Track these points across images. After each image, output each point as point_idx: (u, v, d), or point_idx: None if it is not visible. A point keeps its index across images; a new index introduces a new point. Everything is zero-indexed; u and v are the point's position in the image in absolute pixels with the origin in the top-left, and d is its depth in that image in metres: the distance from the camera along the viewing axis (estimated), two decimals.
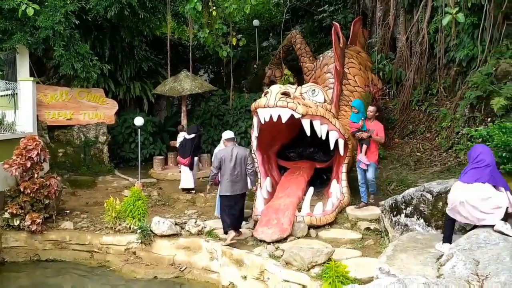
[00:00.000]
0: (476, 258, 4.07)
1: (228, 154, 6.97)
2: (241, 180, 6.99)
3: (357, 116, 7.89)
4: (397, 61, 12.12)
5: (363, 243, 6.63)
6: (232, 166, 6.90)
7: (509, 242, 4.28)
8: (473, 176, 4.83)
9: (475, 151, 5.08)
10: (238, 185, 6.97)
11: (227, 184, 6.92)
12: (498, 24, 9.49)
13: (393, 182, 8.89)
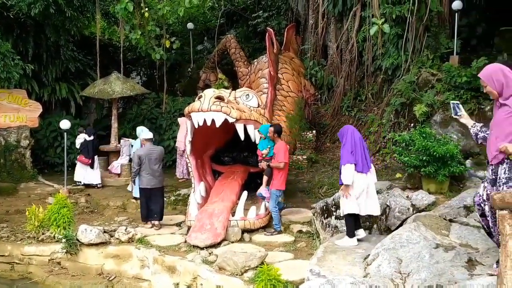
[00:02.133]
0: (399, 256, 4.27)
1: (145, 153, 7.75)
2: (159, 176, 7.80)
3: (264, 143, 7.48)
4: (329, 68, 12.53)
5: (296, 246, 6.73)
6: (150, 163, 7.65)
7: (429, 241, 4.54)
8: None
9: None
10: (157, 180, 7.75)
11: (147, 178, 7.67)
12: (419, 36, 10.11)
13: (325, 185, 9.13)
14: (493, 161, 3.74)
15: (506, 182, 3.60)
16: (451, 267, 4.02)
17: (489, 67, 3.79)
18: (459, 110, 4.13)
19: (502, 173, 3.64)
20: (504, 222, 3.04)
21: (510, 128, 3.60)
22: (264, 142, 7.47)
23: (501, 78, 3.63)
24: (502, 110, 3.69)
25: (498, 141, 3.67)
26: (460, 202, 5.64)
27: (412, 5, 9.68)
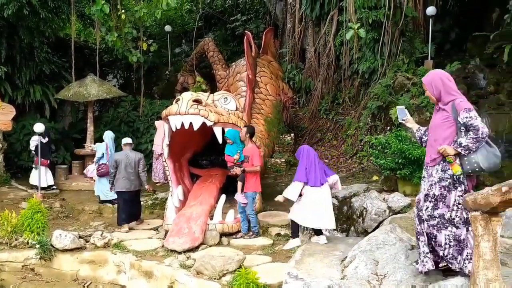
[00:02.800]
0: (376, 258, 4.31)
1: (123, 157, 7.92)
2: (135, 179, 7.90)
3: (232, 148, 7.33)
4: (306, 71, 12.63)
5: (274, 249, 6.72)
6: (127, 167, 7.82)
7: (405, 243, 4.60)
8: None
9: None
10: (133, 183, 7.88)
11: (123, 182, 7.80)
12: (395, 40, 10.29)
13: None
14: (431, 163, 3.90)
15: (438, 181, 3.80)
16: None
17: (431, 74, 4.00)
18: (404, 115, 4.25)
19: (435, 173, 3.84)
20: (476, 223, 3.10)
21: (448, 131, 3.81)
22: (231, 147, 7.32)
23: (439, 85, 3.84)
24: (440, 115, 3.89)
25: (436, 144, 3.85)
26: None
27: (388, 10, 9.85)
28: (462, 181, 3.77)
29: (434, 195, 3.83)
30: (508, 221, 4.91)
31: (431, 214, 3.83)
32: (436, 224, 3.81)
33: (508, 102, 10.01)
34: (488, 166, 3.69)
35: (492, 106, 9.86)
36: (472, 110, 3.74)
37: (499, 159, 3.74)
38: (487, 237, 3.09)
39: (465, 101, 3.81)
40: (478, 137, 3.65)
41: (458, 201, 3.74)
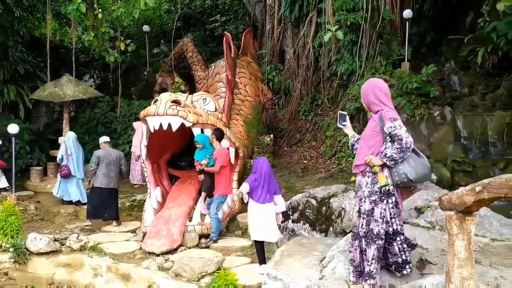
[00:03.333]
0: None
1: (105, 154, 8.12)
2: (115, 177, 8.09)
3: (201, 153, 7.27)
4: (286, 73, 12.67)
5: (253, 250, 6.69)
6: (109, 164, 8.01)
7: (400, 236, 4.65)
8: None
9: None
10: (112, 181, 8.05)
11: (103, 178, 7.95)
12: (373, 42, 10.42)
13: (282, 189, 9.19)
14: (355, 170, 3.93)
15: (368, 196, 3.75)
16: None
17: (366, 84, 3.97)
18: (344, 120, 4.24)
19: (364, 186, 3.81)
20: (451, 222, 3.16)
21: (374, 141, 3.80)
22: (201, 152, 7.24)
23: (370, 95, 3.84)
24: (370, 124, 3.90)
25: (361, 152, 3.86)
26: (411, 204, 5.81)
27: (365, 12, 9.97)
28: (393, 193, 3.73)
29: (365, 211, 3.79)
30: (481, 220, 5.01)
31: (366, 231, 3.79)
32: (367, 239, 3.79)
33: (482, 104, 10.26)
34: (417, 177, 3.67)
35: (466, 108, 10.08)
36: (397, 120, 3.69)
37: (428, 169, 3.72)
38: (462, 236, 3.14)
39: (391, 111, 3.76)
40: (402, 147, 3.60)
41: (383, 214, 3.73)
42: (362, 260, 3.83)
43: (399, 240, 3.84)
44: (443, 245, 4.48)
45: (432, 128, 9.30)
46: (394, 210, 3.75)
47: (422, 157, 3.76)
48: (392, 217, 3.76)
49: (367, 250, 3.78)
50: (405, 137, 3.61)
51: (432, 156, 9.04)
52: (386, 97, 3.84)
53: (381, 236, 3.75)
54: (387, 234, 3.80)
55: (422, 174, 3.68)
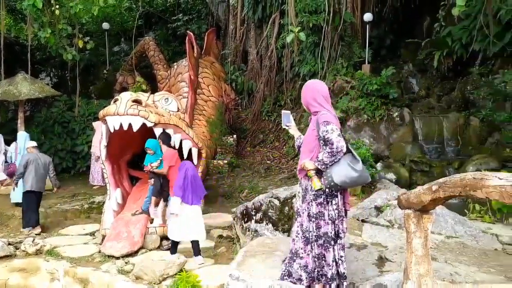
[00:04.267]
0: None
1: (34, 158, 7.98)
2: (43, 182, 8.00)
3: (151, 158, 7.07)
4: (249, 73, 12.68)
5: (216, 251, 6.68)
6: (39, 168, 7.91)
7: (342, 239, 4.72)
8: None
9: None
10: (42, 185, 7.98)
11: (33, 182, 7.80)
12: (334, 44, 10.59)
13: (245, 189, 9.20)
14: (299, 174, 3.88)
15: (315, 199, 3.71)
16: (363, 265, 4.21)
17: (305, 86, 3.90)
18: (288, 120, 4.10)
19: (310, 189, 3.75)
20: (409, 220, 3.23)
21: (313, 144, 3.76)
22: (151, 157, 7.07)
23: (308, 96, 3.78)
24: (310, 126, 3.84)
25: (303, 155, 3.82)
26: (371, 203, 5.94)
27: (327, 15, 10.11)
28: (335, 194, 3.70)
29: (314, 214, 3.74)
30: (437, 218, 5.17)
31: (317, 235, 3.74)
32: (323, 244, 3.73)
33: (438, 105, 10.63)
34: (342, 180, 3.58)
35: (424, 109, 10.42)
36: (329, 124, 3.60)
37: (357, 173, 3.59)
38: (419, 234, 3.22)
39: (327, 115, 3.66)
40: (333, 151, 3.55)
41: (331, 215, 3.69)
42: (319, 265, 3.76)
43: (339, 244, 3.76)
44: (401, 242, 4.59)
45: (391, 129, 9.54)
46: (337, 212, 3.72)
47: (355, 161, 3.67)
48: (336, 218, 3.73)
49: (326, 254, 3.72)
50: (336, 141, 3.56)
51: (392, 156, 9.29)
52: (324, 99, 3.77)
53: (334, 238, 3.71)
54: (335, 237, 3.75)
55: (348, 179, 3.59)
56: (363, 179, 3.68)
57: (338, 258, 3.73)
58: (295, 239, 3.93)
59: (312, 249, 3.78)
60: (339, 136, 3.59)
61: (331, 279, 3.72)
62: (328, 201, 3.71)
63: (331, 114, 3.72)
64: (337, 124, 3.70)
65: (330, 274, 3.72)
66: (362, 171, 3.64)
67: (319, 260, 3.76)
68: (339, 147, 3.57)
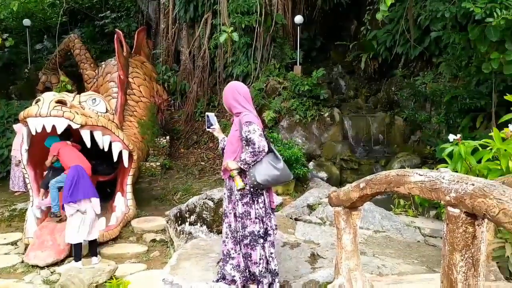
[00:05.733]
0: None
1: None
2: None
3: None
4: (181, 73, 12.49)
5: (149, 256, 6.50)
6: None
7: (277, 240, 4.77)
8: None
9: None
10: None
11: None
12: (267, 46, 10.71)
13: (179, 191, 9.04)
14: (223, 175, 3.95)
15: (241, 199, 3.75)
16: (296, 263, 4.27)
17: (226, 87, 3.97)
18: (212, 123, 4.08)
19: (234, 189, 3.79)
20: (339, 217, 3.32)
21: (236, 145, 3.81)
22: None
23: (229, 98, 3.84)
24: (233, 127, 3.90)
25: (227, 156, 3.87)
26: (304, 201, 6.06)
27: (259, 16, 10.20)
28: (261, 192, 3.74)
29: (240, 214, 3.76)
30: (366, 214, 5.38)
31: (244, 234, 3.76)
32: (249, 243, 3.75)
33: (365, 106, 11.09)
34: (264, 179, 3.61)
35: (353, 109, 10.83)
36: (251, 124, 3.64)
37: (278, 171, 3.64)
38: (349, 230, 3.32)
39: (249, 115, 3.72)
40: (255, 151, 3.60)
41: (258, 214, 3.72)
42: (247, 264, 3.79)
43: (269, 241, 3.79)
44: (333, 239, 4.71)
45: (322, 129, 9.82)
46: (263, 210, 3.79)
47: (278, 160, 3.71)
48: (264, 216, 3.79)
49: (252, 253, 3.74)
50: (258, 141, 3.60)
51: (323, 155, 9.56)
52: (245, 100, 3.82)
53: (261, 235, 3.75)
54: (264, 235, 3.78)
55: (270, 177, 3.61)
56: (285, 177, 3.74)
57: (268, 255, 3.76)
58: (225, 241, 3.93)
59: (241, 249, 3.81)
60: (261, 136, 3.64)
61: (260, 276, 3.75)
62: (254, 200, 3.74)
63: (253, 114, 3.75)
64: (259, 124, 3.74)
65: (258, 272, 3.75)
66: (284, 170, 3.70)
67: (246, 259, 3.79)
68: (261, 146, 3.61)
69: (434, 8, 6.85)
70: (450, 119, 8.64)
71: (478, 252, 1.94)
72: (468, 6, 5.61)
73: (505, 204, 1.68)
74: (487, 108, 7.60)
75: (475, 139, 4.78)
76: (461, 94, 8.27)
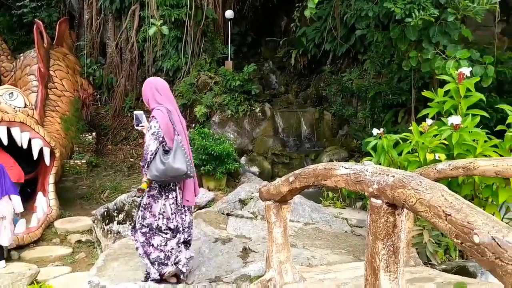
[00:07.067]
0: None
1: None
2: None
3: None
4: (108, 67, 12.01)
5: (74, 258, 6.20)
6: None
7: (209, 236, 4.74)
8: None
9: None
10: None
11: None
12: (197, 40, 10.58)
13: (107, 189, 8.71)
14: (143, 171, 3.90)
15: (148, 191, 3.72)
16: (228, 258, 4.26)
17: (145, 83, 3.92)
18: (140, 121, 3.89)
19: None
20: (270, 211, 3.34)
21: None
22: None
23: (147, 93, 3.80)
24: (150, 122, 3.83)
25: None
26: (235, 196, 6.07)
27: (189, 9, 10.04)
28: (173, 188, 3.72)
29: (143, 204, 3.76)
30: (296, 207, 5.49)
31: (142, 223, 3.77)
32: (147, 232, 3.76)
33: (296, 101, 11.32)
34: (153, 175, 3.54)
35: (283, 105, 11.01)
36: (152, 120, 3.63)
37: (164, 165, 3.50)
38: (279, 223, 3.36)
39: (155, 111, 3.67)
40: (145, 149, 3.59)
41: (163, 210, 3.69)
42: (147, 251, 3.78)
43: (177, 238, 3.76)
44: (264, 233, 4.75)
45: (254, 124, 9.89)
46: (175, 206, 3.76)
47: (168, 155, 3.58)
48: (173, 213, 3.74)
49: (150, 241, 3.74)
50: (148, 139, 3.59)
51: (255, 150, 9.64)
52: (161, 96, 3.77)
53: (163, 231, 3.72)
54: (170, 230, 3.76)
55: (159, 171, 3.51)
56: (172, 171, 3.53)
57: (169, 249, 3.75)
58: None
59: (139, 238, 3.80)
60: (153, 135, 3.58)
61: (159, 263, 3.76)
62: (163, 194, 3.71)
63: (162, 110, 3.66)
64: (164, 120, 3.62)
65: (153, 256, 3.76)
66: (171, 163, 3.51)
67: (144, 247, 3.80)
68: (148, 145, 3.57)
69: (359, 7, 7.11)
70: (374, 114, 9.05)
71: (398, 240, 2.03)
72: (389, 6, 5.88)
73: (421, 194, 1.77)
74: (408, 104, 8.04)
75: (397, 133, 5.05)
76: (384, 90, 8.68)
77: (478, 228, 1.45)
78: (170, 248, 3.74)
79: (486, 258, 1.39)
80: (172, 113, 3.73)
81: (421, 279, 3.33)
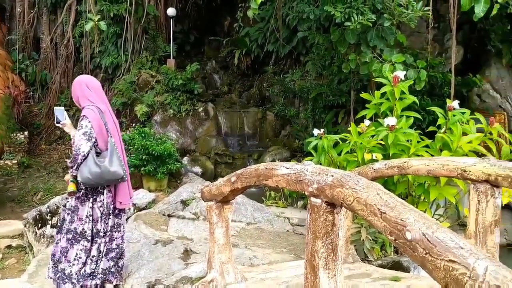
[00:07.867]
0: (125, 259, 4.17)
1: None
2: None
3: None
4: (42, 63, 11.43)
5: (4, 264, 5.82)
6: None
7: (149, 238, 4.62)
8: None
9: None
10: None
11: None
12: (138, 37, 10.32)
13: (40, 191, 8.27)
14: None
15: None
16: (168, 260, 4.17)
17: (74, 81, 3.81)
18: (63, 118, 3.72)
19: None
20: (211, 212, 3.31)
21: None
22: None
23: (77, 91, 3.69)
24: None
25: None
26: (177, 197, 5.97)
27: (129, 5, 9.77)
28: (101, 191, 3.55)
29: (71, 206, 3.56)
30: (239, 207, 5.49)
31: (68, 228, 3.55)
32: (70, 238, 3.54)
33: (239, 101, 11.35)
34: (85, 177, 3.37)
35: (226, 104, 11.00)
36: (83, 119, 3.47)
37: (99, 168, 3.36)
38: (221, 224, 3.33)
39: (86, 109, 3.53)
40: (74, 151, 3.42)
41: (90, 213, 3.52)
42: (63, 259, 3.55)
43: (97, 243, 3.58)
44: (206, 234, 4.71)
45: (197, 123, 9.79)
46: (102, 210, 3.59)
47: (104, 157, 3.44)
48: (99, 216, 3.56)
49: (69, 249, 3.53)
50: (78, 140, 3.41)
51: (198, 150, 9.54)
52: (93, 94, 3.63)
53: (86, 237, 3.53)
54: (94, 235, 3.58)
55: (92, 174, 3.35)
56: (111, 175, 3.40)
57: (91, 256, 3.57)
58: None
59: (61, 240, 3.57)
60: (84, 135, 3.41)
61: (68, 276, 3.53)
62: (90, 197, 3.53)
63: (93, 109, 3.52)
64: (96, 120, 3.49)
65: (69, 271, 3.53)
66: (108, 167, 3.38)
67: (61, 253, 3.56)
68: (79, 145, 3.39)
69: (301, 10, 7.24)
70: (316, 114, 9.25)
71: (337, 238, 2.07)
72: (330, 9, 6.03)
73: (358, 192, 1.81)
74: (347, 105, 8.29)
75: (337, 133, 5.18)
76: (325, 92, 8.90)
77: (410, 225, 1.50)
78: (91, 255, 3.55)
79: (417, 254, 1.45)
80: (104, 113, 3.58)
81: (358, 275, 3.44)
